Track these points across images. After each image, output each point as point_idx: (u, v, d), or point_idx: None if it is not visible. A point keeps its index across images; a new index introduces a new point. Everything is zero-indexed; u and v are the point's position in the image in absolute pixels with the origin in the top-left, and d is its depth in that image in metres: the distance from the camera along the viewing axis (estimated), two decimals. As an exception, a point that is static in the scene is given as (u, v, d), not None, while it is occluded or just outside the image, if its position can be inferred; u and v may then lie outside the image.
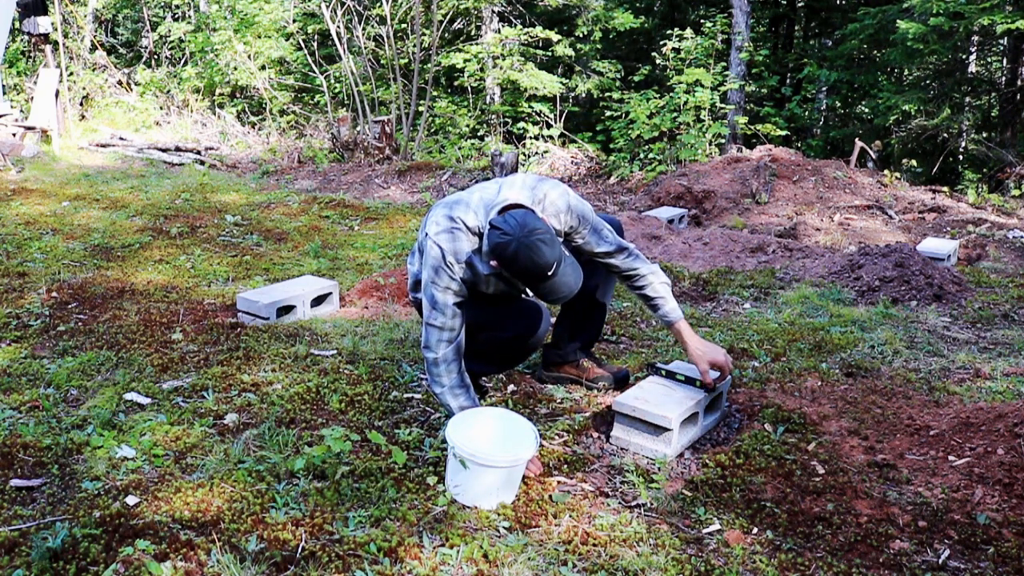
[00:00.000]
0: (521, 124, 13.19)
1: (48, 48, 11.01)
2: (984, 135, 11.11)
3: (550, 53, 13.16)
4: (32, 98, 10.81)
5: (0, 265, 4.61)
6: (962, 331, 3.89)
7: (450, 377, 2.55)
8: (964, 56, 12.24)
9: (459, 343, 2.56)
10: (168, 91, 13.03)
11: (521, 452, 2.26)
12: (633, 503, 2.31)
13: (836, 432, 2.69)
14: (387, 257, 5.25)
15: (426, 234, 2.57)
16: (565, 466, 2.49)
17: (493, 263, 2.45)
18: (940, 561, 2.03)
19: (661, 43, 12.16)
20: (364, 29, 11.11)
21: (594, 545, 2.09)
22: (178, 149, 10.22)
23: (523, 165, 10.66)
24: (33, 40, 11.61)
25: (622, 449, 2.61)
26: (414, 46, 10.91)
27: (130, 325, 3.64)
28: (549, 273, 2.35)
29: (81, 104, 12.35)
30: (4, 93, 11.04)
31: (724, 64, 12.07)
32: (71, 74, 12.39)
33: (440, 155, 10.90)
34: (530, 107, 13.08)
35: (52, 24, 11.16)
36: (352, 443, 2.52)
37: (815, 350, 3.56)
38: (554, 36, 12.45)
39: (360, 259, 5.16)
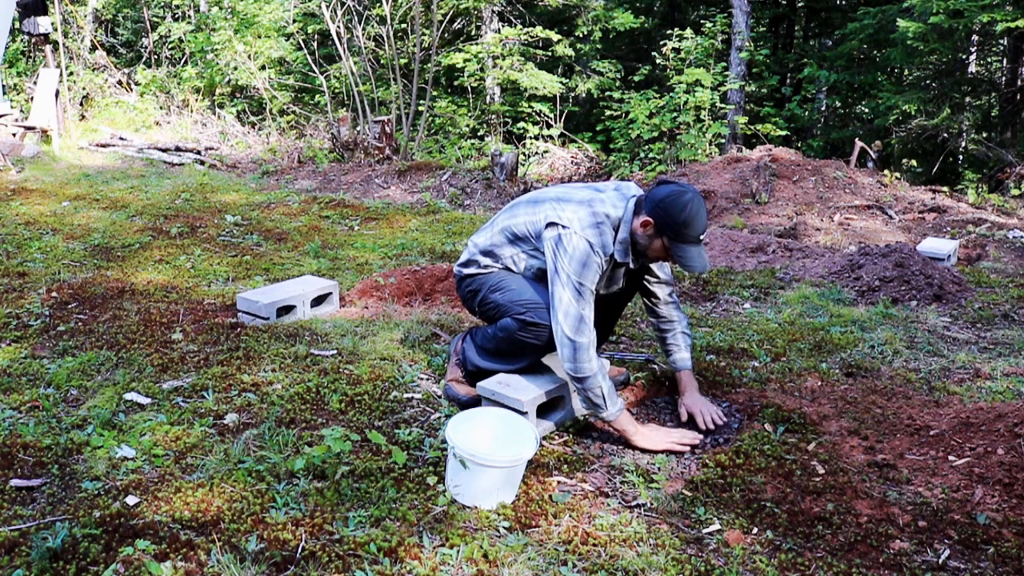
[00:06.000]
0: (521, 124, 13.20)
1: (48, 48, 11.00)
2: (984, 135, 11.11)
3: (550, 53, 13.17)
4: (32, 98, 10.81)
5: (0, 265, 4.61)
6: (962, 331, 3.89)
7: (598, 359, 2.56)
8: (964, 56, 12.24)
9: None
10: (168, 91, 13.03)
11: (521, 452, 2.26)
12: (633, 503, 2.31)
13: (836, 432, 2.69)
14: (387, 257, 5.25)
15: (565, 227, 2.57)
16: (565, 466, 2.49)
17: (643, 220, 2.55)
18: (940, 561, 2.03)
19: (661, 43, 12.17)
20: (364, 29, 11.11)
21: (594, 545, 2.09)
22: (178, 149, 10.22)
23: (523, 165, 10.67)
24: (33, 40, 11.61)
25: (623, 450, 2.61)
26: (414, 46, 10.91)
27: (130, 325, 3.64)
28: (706, 232, 2.55)
29: (81, 104, 12.34)
30: (4, 93, 11.03)
31: (724, 64, 12.08)
32: (71, 74, 12.38)
33: (440, 155, 10.90)
34: (530, 107, 13.09)
35: (52, 24, 11.15)
36: (352, 443, 2.52)
37: (815, 350, 3.56)
38: (554, 36, 12.46)
39: (360, 259, 5.16)
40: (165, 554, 1.97)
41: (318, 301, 3.96)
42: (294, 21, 11.68)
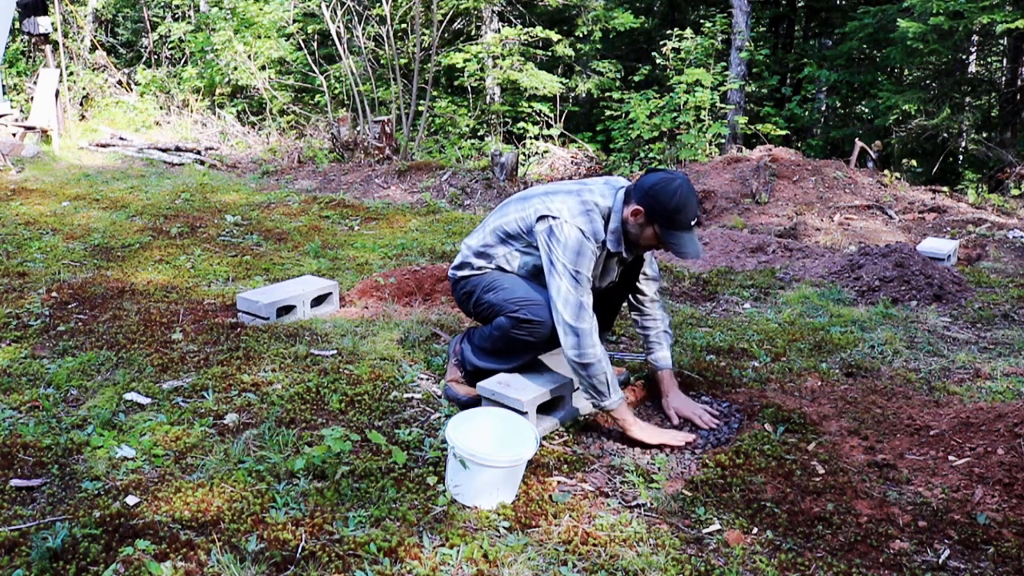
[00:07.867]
0: (521, 124, 13.20)
1: (48, 48, 11.00)
2: (984, 135, 11.11)
3: (550, 53, 13.16)
4: (32, 98, 10.81)
5: (0, 265, 4.61)
6: (962, 331, 3.89)
7: (601, 347, 2.57)
8: (964, 56, 12.24)
9: None
10: (168, 91, 13.03)
11: (521, 452, 2.26)
12: (633, 503, 2.31)
13: (836, 432, 2.69)
14: (387, 257, 5.25)
15: (555, 218, 2.60)
16: (565, 466, 2.49)
17: (633, 209, 2.56)
18: (940, 561, 2.03)
19: (661, 43, 12.17)
20: (364, 29, 11.10)
21: (594, 545, 2.09)
22: (178, 149, 10.22)
23: (523, 165, 10.66)
24: (33, 40, 11.61)
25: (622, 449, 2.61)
26: (414, 46, 10.91)
27: (130, 325, 3.64)
28: (697, 218, 2.55)
29: (81, 104, 12.34)
30: (4, 93, 11.03)
31: (724, 64, 12.08)
32: (71, 74, 12.38)
33: (440, 155, 10.90)
34: (530, 107, 13.08)
35: (52, 24, 11.15)
36: (352, 443, 2.52)
37: (815, 350, 3.56)
38: (554, 36, 12.46)
39: (360, 259, 5.16)
40: (165, 554, 1.97)
41: (318, 301, 3.96)
42: (294, 21, 11.68)
